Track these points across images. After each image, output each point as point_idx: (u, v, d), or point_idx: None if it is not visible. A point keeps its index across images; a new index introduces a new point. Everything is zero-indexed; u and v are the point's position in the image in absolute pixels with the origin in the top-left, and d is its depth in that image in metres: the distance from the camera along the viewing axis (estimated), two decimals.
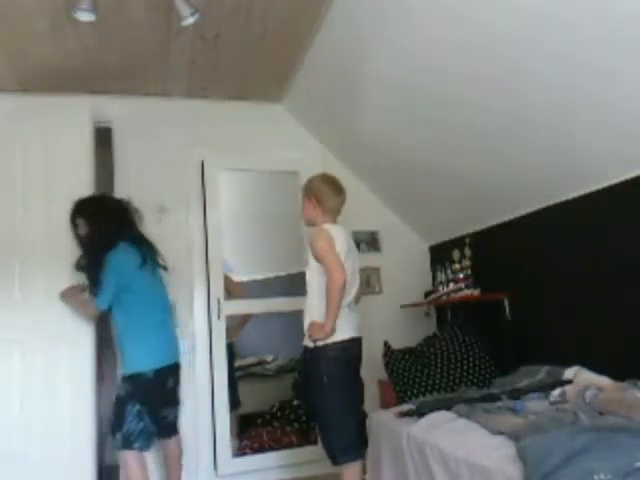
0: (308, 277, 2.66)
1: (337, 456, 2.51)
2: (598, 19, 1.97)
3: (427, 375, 3.20)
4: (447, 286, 3.68)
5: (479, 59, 2.49)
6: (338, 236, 2.60)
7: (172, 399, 3.01)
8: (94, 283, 2.86)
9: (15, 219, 3.12)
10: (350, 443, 2.51)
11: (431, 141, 3.23)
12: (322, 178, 2.82)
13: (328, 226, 2.65)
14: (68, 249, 3.06)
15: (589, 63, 2.15)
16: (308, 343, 2.58)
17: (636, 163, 2.40)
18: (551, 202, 2.94)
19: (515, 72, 2.42)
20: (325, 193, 2.71)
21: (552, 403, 2.32)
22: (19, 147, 3.20)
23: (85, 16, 2.57)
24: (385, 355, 3.31)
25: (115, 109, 3.65)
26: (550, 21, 2.10)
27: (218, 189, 3.81)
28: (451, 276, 3.66)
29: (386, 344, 3.35)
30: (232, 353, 3.83)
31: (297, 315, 2.81)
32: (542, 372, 2.75)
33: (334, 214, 2.74)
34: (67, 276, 3.06)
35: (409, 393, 3.14)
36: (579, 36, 2.08)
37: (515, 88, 2.50)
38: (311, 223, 2.75)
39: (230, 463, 3.54)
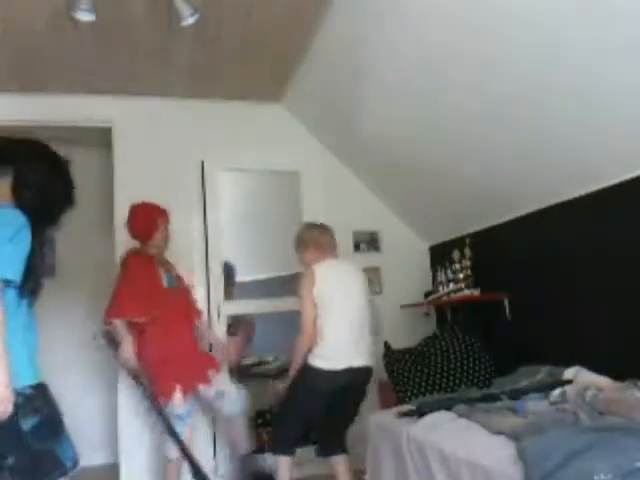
0: None
1: (273, 445, 2.88)
2: (595, 20, 1.98)
3: (427, 375, 3.20)
4: (447, 286, 3.67)
5: (477, 62, 2.49)
6: (325, 274, 2.82)
7: None
8: None
9: None
10: (285, 441, 2.81)
11: (431, 141, 3.23)
12: (307, 227, 3.11)
13: (318, 266, 2.85)
14: None
15: (588, 64, 2.15)
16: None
17: (636, 163, 2.40)
18: (551, 202, 2.94)
19: (514, 74, 2.42)
20: (317, 237, 3.01)
21: (552, 403, 2.32)
22: None
23: (85, 16, 2.58)
24: (385, 355, 3.31)
25: (115, 109, 3.65)
26: (548, 20, 2.10)
27: (218, 189, 3.82)
28: (451, 276, 3.66)
29: (386, 344, 3.35)
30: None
31: (298, 315, 2.82)
32: (542, 372, 2.74)
33: (332, 250, 2.99)
34: None
35: (409, 393, 3.14)
36: (576, 38, 2.08)
37: (514, 89, 2.49)
38: (313, 264, 2.92)
39: None
